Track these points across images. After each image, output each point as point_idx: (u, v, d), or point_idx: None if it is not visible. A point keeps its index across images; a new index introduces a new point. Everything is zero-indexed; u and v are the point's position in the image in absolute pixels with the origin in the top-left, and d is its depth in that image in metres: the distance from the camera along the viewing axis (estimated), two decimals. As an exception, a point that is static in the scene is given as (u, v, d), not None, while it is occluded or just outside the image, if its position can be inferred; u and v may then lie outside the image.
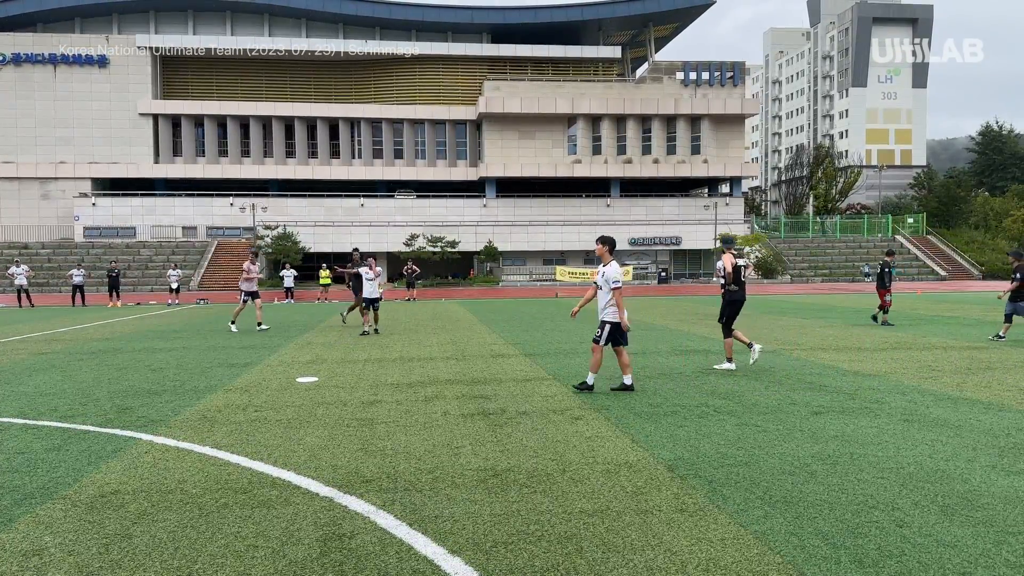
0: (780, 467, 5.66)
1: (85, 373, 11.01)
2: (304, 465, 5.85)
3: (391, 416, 7.70)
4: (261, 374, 10.78)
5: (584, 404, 8.21)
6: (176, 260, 49.37)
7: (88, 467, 5.84)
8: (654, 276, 57.36)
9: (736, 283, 10.92)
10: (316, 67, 63.27)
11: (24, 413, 8.02)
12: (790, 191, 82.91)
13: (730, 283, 10.89)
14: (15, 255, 47.23)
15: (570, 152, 61.10)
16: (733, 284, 10.90)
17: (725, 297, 11.03)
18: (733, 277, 10.88)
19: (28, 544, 4.25)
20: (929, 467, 5.64)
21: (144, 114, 59.11)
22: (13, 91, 57.72)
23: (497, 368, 11.18)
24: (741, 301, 11.03)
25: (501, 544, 4.18)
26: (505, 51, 62.91)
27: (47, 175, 58.07)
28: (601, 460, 5.91)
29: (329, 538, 4.29)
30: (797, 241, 63.34)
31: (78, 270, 32.09)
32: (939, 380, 9.70)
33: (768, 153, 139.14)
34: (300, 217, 56.86)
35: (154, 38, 59.55)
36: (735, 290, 10.94)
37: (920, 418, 7.39)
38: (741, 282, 10.97)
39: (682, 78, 61.79)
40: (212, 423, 7.43)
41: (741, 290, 10.99)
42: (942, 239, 63.42)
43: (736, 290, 10.94)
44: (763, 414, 7.62)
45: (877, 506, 4.75)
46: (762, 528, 4.38)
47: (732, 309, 11.01)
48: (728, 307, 11.01)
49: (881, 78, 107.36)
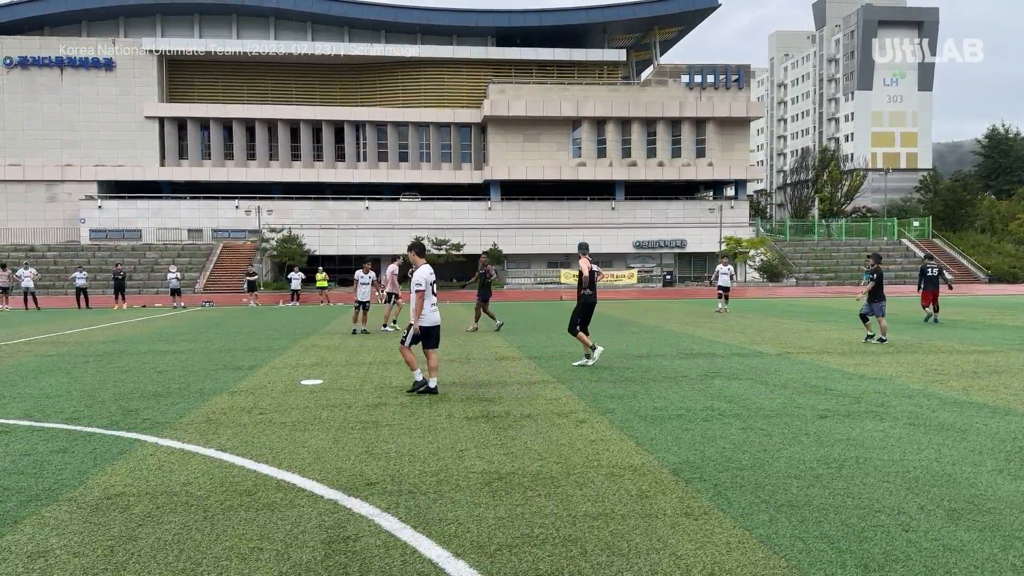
0: (785, 471, 5.65)
1: (90, 375, 11.04)
2: (309, 467, 5.85)
3: (395, 419, 7.70)
4: (266, 376, 10.79)
5: (588, 407, 8.20)
6: (181, 263, 49.55)
7: (93, 469, 5.85)
8: (659, 279, 57.28)
9: (591, 287, 11.51)
10: (321, 70, 63.42)
11: (30, 415, 8.04)
12: (795, 194, 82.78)
13: (585, 287, 11.46)
14: (22, 257, 47.40)
15: (574, 155, 61.12)
16: (588, 288, 11.48)
17: (580, 300, 11.54)
18: (589, 281, 11.47)
19: (33, 546, 4.25)
20: (935, 471, 5.62)
21: (150, 117, 59.30)
22: (20, 94, 57.96)
23: (501, 371, 11.18)
24: (594, 305, 11.67)
25: (505, 547, 4.17)
26: (510, 54, 63.00)
27: (53, 177, 58.28)
28: (605, 463, 5.90)
29: (334, 540, 4.29)
30: (802, 244, 63.21)
31: (80, 272, 32.18)
32: (945, 384, 9.67)
33: (773, 156, 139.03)
34: (305, 220, 56.95)
35: (160, 41, 59.77)
36: (589, 294, 11.53)
37: (926, 422, 7.36)
38: (594, 287, 11.58)
39: (687, 81, 61.78)
40: (217, 425, 7.45)
41: (594, 294, 11.61)
42: (948, 242, 63.20)
43: (590, 294, 11.54)
44: (768, 418, 7.60)
45: (883, 510, 4.73)
46: (767, 532, 4.37)
47: (587, 312, 11.55)
48: (583, 310, 11.52)
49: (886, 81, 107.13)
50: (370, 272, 18.74)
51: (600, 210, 60.98)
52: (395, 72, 63.50)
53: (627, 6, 63.50)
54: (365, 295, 18.25)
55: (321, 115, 60.84)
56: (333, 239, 56.68)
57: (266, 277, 51.77)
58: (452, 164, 62.81)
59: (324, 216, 57.92)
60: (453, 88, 63.58)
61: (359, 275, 18.73)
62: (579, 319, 11.53)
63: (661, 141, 60.97)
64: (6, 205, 58.01)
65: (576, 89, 61.09)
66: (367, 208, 58.73)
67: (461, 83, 63.55)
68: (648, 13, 63.04)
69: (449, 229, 56.29)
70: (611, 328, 18.85)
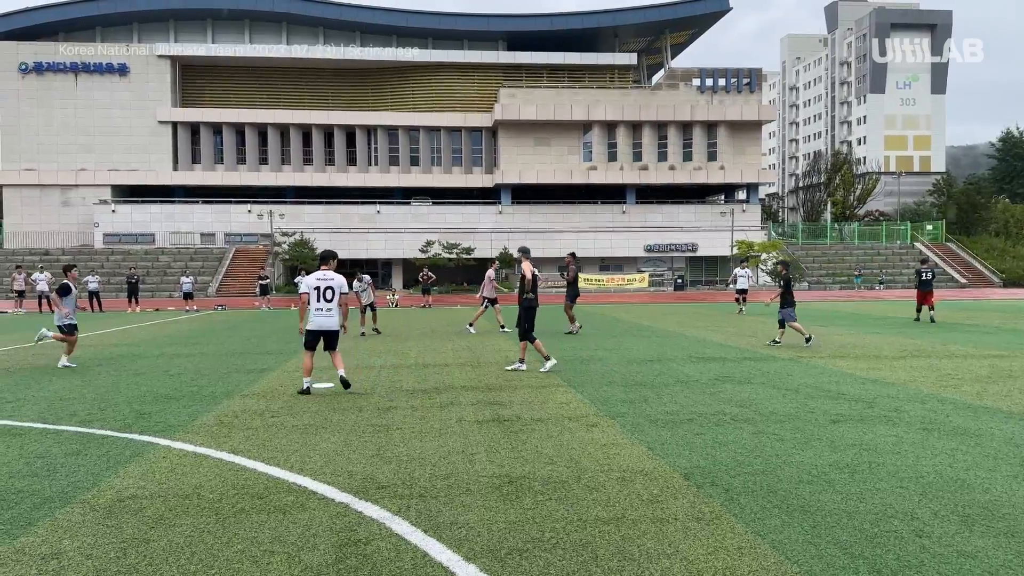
0: (798, 476, 5.62)
1: (104, 378, 11.11)
2: (320, 471, 5.87)
3: (406, 422, 7.71)
4: (278, 380, 10.83)
5: (599, 412, 8.19)
6: (194, 267, 49.85)
7: (106, 472, 5.88)
8: (670, 283, 57.15)
9: (533, 291, 11.52)
10: (333, 75, 63.69)
11: (44, 418, 8.10)
12: (807, 197, 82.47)
13: (528, 291, 11.48)
14: (36, 261, 47.77)
15: (585, 159, 61.11)
16: (531, 292, 11.50)
17: (523, 304, 11.50)
18: (532, 285, 11.48)
19: (47, 548, 4.28)
20: (949, 476, 5.58)
21: (163, 122, 59.71)
22: (36, 99, 58.46)
23: (512, 375, 11.18)
24: (536, 308, 11.62)
25: (516, 551, 4.17)
26: (521, 58, 63.07)
27: (68, 182, 58.74)
28: (616, 468, 5.89)
29: (345, 544, 4.29)
30: (815, 248, 62.94)
31: (93, 276, 32.40)
32: (959, 389, 9.60)
33: (785, 159, 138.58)
34: (317, 224, 57.15)
35: (173, 47, 60.21)
36: (532, 298, 11.54)
37: (940, 427, 7.31)
38: (536, 290, 11.62)
39: (698, 84, 61.72)
40: (229, 428, 7.48)
41: (536, 298, 11.62)
42: (962, 246, 62.78)
43: (532, 298, 11.55)
44: (780, 422, 7.57)
45: (896, 515, 4.70)
46: (779, 537, 4.34)
47: (530, 316, 11.51)
48: (527, 314, 11.48)
49: (899, 84, 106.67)
50: (364, 277, 19.63)
51: (611, 214, 60.92)
52: (406, 76, 63.70)
53: (639, 10, 63.54)
54: (369, 298, 19.35)
55: (333, 120, 61.08)
56: (345, 243, 56.77)
57: (278, 281, 51.98)
58: (463, 168, 62.91)
59: (336, 220, 58.12)
60: (464, 92, 63.70)
61: (356, 285, 19.12)
62: (527, 324, 11.39)
63: (672, 145, 60.88)
64: (21, 209, 58.49)
65: (587, 93, 61.10)
66: (378, 212, 58.90)
67: (472, 87, 63.67)
68: (659, 17, 63.01)
69: (460, 233, 56.36)
70: (622, 332, 18.83)
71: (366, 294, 19.35)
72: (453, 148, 63.10)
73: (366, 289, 19.37)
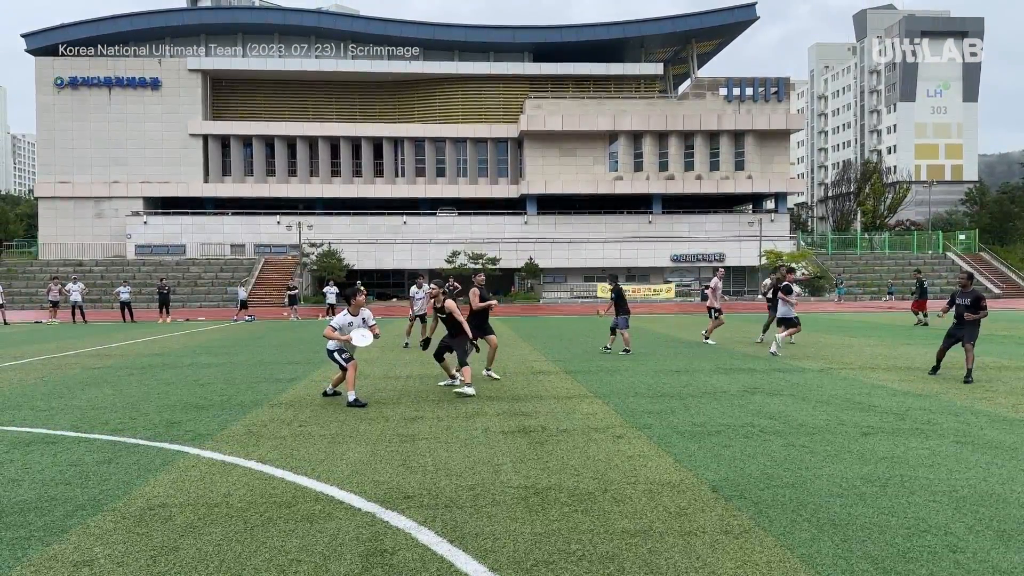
0: (828, 489, 5.54)
1: (135, 388, 11.26)
2: (347, 480, 5.89)
3: (432, 432, 7.72)
4: (306, 389, 10.91)
5: (626, 423, 8.14)
6: (224, 278, 50.44)
7: (137, 480, 5.96)
8: (697, 293, 56.74)
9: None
10: (361, 87, 64.30)
11: (77, 426, 8.23)
12: (837, 207, 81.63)
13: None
14: (70, 272, 48.63)
15: (611, 169, 61.02)
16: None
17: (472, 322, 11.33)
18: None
19: (79, 555, 4.35)
20: (983, 490, 5.47)
21: (194, 135, 60.63)
22: (70, 113, 59.68)
23: (538, 385, 11.16)
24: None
25: (542, 563, 4.15)
26: (546, 69, 63.22)
27: (101, 194, 59.80)
28: (643, 480, 5.85)
29: (371, 554, 4.31)
30: (844, 258, 62.19)
31: (124, 287, 32.91)
32: (993, 400, 9.42)
33: (814, 169, 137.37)
34: (344, 235, 57.63)
35: (204, 61, 61.17)
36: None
37: (974, 440, 7.18)
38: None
39: (725, 94, 61.39)
40: (257, 437, 7.54)
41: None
42: (995, 256, 61.69)
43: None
44: (810, 435, 7.47)
45: (929, 530, 4.61)
46: (809, 551, 4.28)
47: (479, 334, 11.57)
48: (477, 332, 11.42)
49: (930, 92, 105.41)
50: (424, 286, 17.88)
51: (637, 224, 60.71)
52: (433, 88, 64.12)
53: (665, 20, 63.47)
54: (421, 308, 18.00)
55: (360, 132, 61.64)
56: (372, 253, 57.28)
57: (306, 291, 52.42)
58: (489, 179, 63.11)
59: (363, 231, 58.55)
60: (490, 103, 63.97)
61: (413, 291, 18.25)
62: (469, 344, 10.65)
63: (699, 154, 60.59)
64: (56, 221, 59.65)
65: (613, 103, 61.06)
66: (405, 223, 59.25)
67: (498, 98, 63.93)
68: (686, 27, 62.87)
69: (486, 243, 56.53)
70: (649, 343, 18.72)
71: (420, 303, 17.91)
72: (479, 159, 63.35)
73: (423, 298, 17.67)
